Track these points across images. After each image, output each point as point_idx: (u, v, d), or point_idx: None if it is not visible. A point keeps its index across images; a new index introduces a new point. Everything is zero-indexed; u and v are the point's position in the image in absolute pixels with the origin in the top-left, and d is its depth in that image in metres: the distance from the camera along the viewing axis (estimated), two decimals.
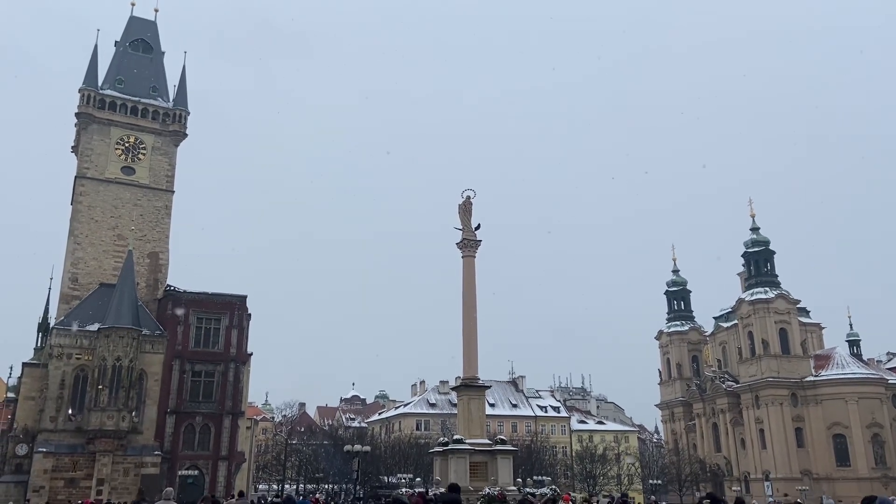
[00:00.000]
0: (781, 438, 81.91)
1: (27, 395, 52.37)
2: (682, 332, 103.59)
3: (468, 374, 31.99)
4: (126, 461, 49.82)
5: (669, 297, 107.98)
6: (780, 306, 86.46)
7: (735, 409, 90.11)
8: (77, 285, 56.46)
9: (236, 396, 55.93)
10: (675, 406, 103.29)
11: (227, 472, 53.93)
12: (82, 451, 49.00)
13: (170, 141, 63.05)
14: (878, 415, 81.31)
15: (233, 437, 54.86)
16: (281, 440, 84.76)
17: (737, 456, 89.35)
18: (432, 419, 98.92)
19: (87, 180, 59.53)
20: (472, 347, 32.24)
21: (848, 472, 78.40)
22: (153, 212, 61.04)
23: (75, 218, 58.75)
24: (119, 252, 57.37)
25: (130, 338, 50.91)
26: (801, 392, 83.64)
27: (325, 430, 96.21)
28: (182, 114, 63.86)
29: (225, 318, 57.12)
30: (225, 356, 56.13)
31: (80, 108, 60.51)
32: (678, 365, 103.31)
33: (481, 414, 32.01)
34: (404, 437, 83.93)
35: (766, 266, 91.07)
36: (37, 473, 47.64)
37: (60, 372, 50.79)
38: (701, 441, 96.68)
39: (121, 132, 61.37)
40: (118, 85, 62.82)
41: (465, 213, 33.70)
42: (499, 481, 29.78)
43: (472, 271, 33.23)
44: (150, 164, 61.86)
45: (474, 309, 32.71)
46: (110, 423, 48.88)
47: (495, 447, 31.42)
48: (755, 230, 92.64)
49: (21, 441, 50.51)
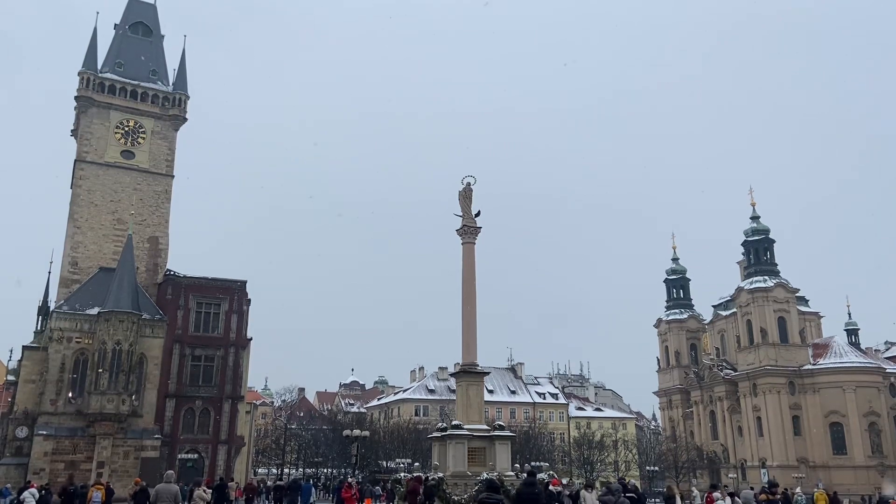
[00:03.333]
0: (778, 426, 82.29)
1: (27, 379, 52.54)
2: (681, 321, 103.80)
3: (467, 361, 32.00)
4: (126, 444, 50.10)
5: (669, 285, 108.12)
6: (779, 295, 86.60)
7: (733, 396, 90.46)
8: (77, 269, 56.50)
9: (236, 381, 56.16)
10: (672, 393, 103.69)
11: (227, 456, 54.25)
12: (82, 434, 49.24)
13: (169, 125, 62.87)
14: (876, 403, 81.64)
15: (232, 422, 55.13)
16: (280, 425, 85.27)
17: (734, 443, 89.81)
18: (431, 405, 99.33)
19: (86, 164, 59.41)
20: (471, 334, 32.23)
21: (844, 460, 78.79)
22: (153, 196, 60.96)
23: (75, 202, 58.69)
24: (119, 236, 57.36)
25: (130, 322, 51.02)
26: (799, 380, 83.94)
27: (324, 415, 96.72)
28: (182, 98, 63.64)
29: (224, 302, 57.28)
30: (224, 341, 56.34)
31: (79, 92, 60.28)
32: (676, 353, 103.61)
33: (480, 400, 32.03)
34: (403, 423, 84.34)
35: (765, 255, 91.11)
36: (37, 456, 47.91)
37: (60, 355, 50.95)
38: (698, 428, 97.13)
39: (120, 116, 61.19)
40: (118, 68, 62.55)
41: (465, 199, 33.55)
42: (497, 467, 29.88)
43: (472, 258, 33.15)
44: (149, 148, 61.72)
45: (474, 296, 32.68)
46: (110, 407, 49.09)
47: (494, 433, 31.47)
48: (755, 219, 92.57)
49: (21, 424, 50.74)
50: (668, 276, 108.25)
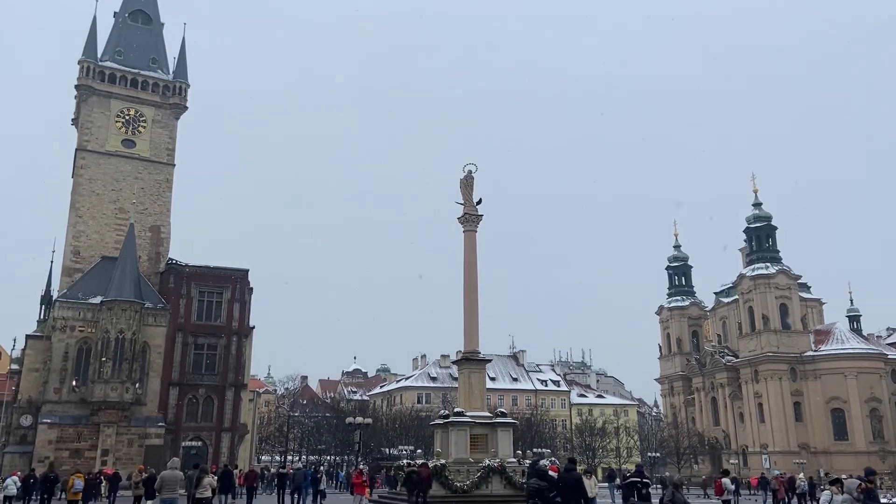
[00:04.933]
0: (780, 413, 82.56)
1: (31, 367, 52.82)
2: (683, 308, 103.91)
3: (469, 348, 32.10)
4: (130, 432, 50.41)
5: (670, 272, 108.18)
6: (781, 282, 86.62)
7: (734, 383, 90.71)
8: (79, 258, 56.63)
9: (238, 369, 56.41)
10: (674, 380, 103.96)
11: (231, 444, 54.59)
12: (87, 423, 49.51)
13: (170, 114, 62.79)
14: (877, 389, 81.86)
15: (235, 409, 55.43)
16: (283, 412, 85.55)
17: (735, 429, 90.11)
18: (433, 392, 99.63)
19: (87, 153, 59.40)
20: (472, 322, 32.31)
21: (846, 446, 79.07)
22: (154, 185, 60.99)
23: (76, 191, 58.73)
24: (121, 225, 57.44)
25: (133, 311, 51.18)
26: (801, 367, 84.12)
27: (326, 403, 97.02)
28: (182, 86, 63.53)
29: (227, 291, 57.41)
30: (227, 329, 56.53)
31: (79, 80, 60.20)
32: (678, 340, 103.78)
33: (482, 387, 32.15)
34: (405, 410, 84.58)
35: (767, 242, 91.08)
36: (41, 444, 48.21)
37: (64, 344, 51.15)
38: (700, 415, 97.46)
39: (121, 105, 61.11)
40: (117, 57, 62.40)
41: (467, 187, 33.54)
42: (499, 453, 30.05)
43: (474, 246, 33.18)
44: (150, 137, 61.68)
45: (475, 283, 32.73)
46: (114, 395, 49.37)
47: (496, 420, 31.61)
48: (757, 206, 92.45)
49: (25, 412, 51.07)
50: (669, 264, 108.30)
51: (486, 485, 28.27)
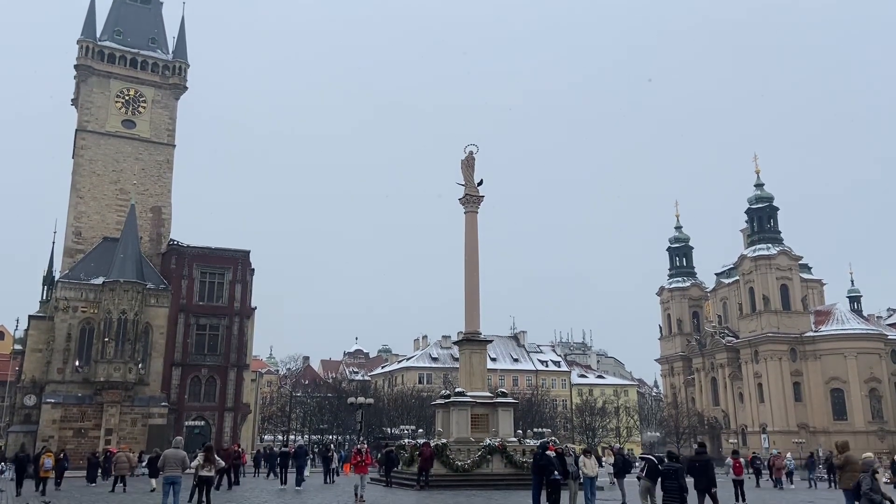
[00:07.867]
0: (779, 393, 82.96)
1: (34, 348, 53.00)
2: (684, 288, 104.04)
3: (470, 329, 32.25)
4: (133, 412, 50.72)
5: (671, 253, 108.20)
6: (782, 262, 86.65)
7: (734, 363, 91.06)
8: (80, 239, 56.64)
9: (241, 349, 56.65)
10: (674, 361, 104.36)
11: (233, 423, 54.96)
12: (90, 402, 49.81)
13: (170, 94, 62.47)
14: (877, 370, 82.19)
15: (238, 389, 55.75)
16: (285, 392, 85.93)
17: (735, 409, 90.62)
18: (434, 373, 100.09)
19: (87, 133, 59.20)
20: (474, 302, 32.43)
21: (845, 425, 79.51)
22: (155, 166, 60.82)
23: (77, 171, 58.59)
24: (121, 206, 57.39)
25: (135, 291, 51.29)
26: (801, 347, 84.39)
27: (328, 383, 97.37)
28: (182, 66, 63.14)
29: (228, 272, 57.50)
30: (229, 310, 56.70)
31: (78, 60, 59.85)
32: (679, 320, 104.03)
33: (483, 368, 32.36)
34: (407, 390, 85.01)
35: (769, 222, 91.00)
36: (45, 423, 48.53)
37: (66, 325, 51.32)
38: (699, 395, 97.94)
39: (120, 85, 60.79)
40: (116, 36, 61.98)
41: (468, 168, 33.55)
42: (499, 433, 30.31)
43: (475, 227, 33.22)
44: (150, 117, 61.41)
45: (476, 264, 32.81)
46: (117, 375, 49.63)
47: (496, 400, 31.86)
48: (759, 186, 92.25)
49: (29, 392, 51.34)
50: (670, 245, 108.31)
51: (486, 463, 28.55)
